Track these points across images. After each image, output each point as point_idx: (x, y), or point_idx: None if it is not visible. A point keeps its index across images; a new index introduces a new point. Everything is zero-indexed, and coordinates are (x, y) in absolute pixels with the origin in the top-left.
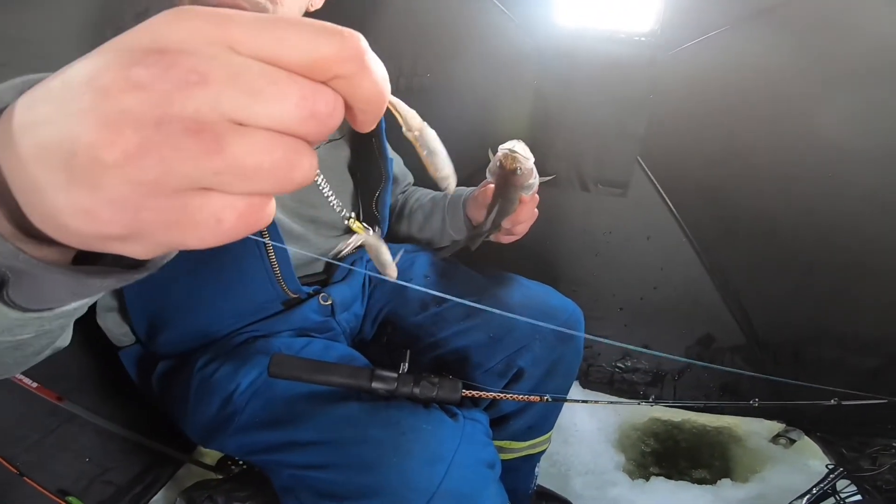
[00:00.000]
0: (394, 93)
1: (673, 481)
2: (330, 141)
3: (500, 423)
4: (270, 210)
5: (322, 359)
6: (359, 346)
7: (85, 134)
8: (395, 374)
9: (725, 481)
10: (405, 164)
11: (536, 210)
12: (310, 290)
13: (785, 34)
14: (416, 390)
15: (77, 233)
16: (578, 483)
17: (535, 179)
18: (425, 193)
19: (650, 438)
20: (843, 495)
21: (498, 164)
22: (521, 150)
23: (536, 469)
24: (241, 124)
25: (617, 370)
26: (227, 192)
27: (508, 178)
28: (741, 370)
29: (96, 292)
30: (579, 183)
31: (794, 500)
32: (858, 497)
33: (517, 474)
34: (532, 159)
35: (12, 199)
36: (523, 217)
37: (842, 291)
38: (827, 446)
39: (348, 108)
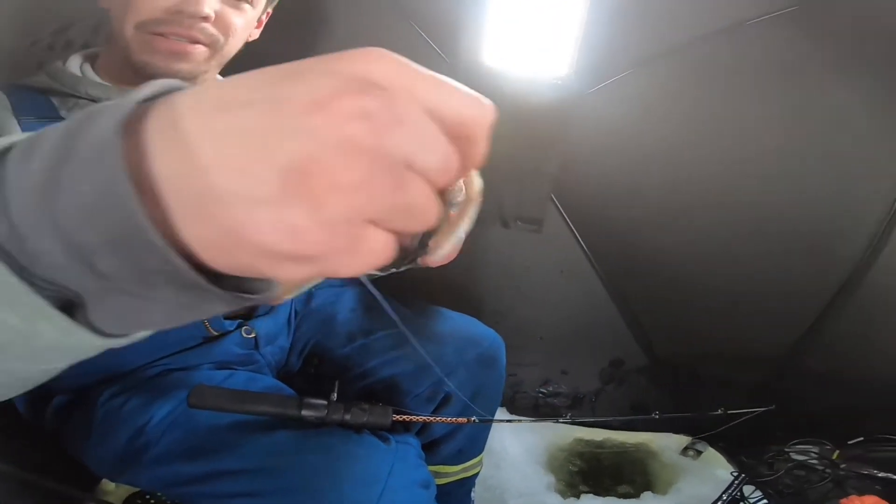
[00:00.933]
0: None
1: (601, 498)
2: None
3: (432, 447)
4: None
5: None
6: (285, 378)
7: (321, 154)
8: (324, 402)
9: (647, 494)
10: None
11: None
12: (232, 325)
13: (684, 76)
14: (347, 417)
15: (261, 248)
16: None
17: (462, 197)
18: None
19: (576, 458)
20: (751, 501)
21: None
22: None
23: (472, 493)
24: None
25: (540, 395)
26: (387, 227)
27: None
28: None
29: (205, 316)
30: (500, 219)
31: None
32: (766, 501)
33: (453, 499)
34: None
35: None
36: None
37: (728, 314)
38: (729, 455)
39: None
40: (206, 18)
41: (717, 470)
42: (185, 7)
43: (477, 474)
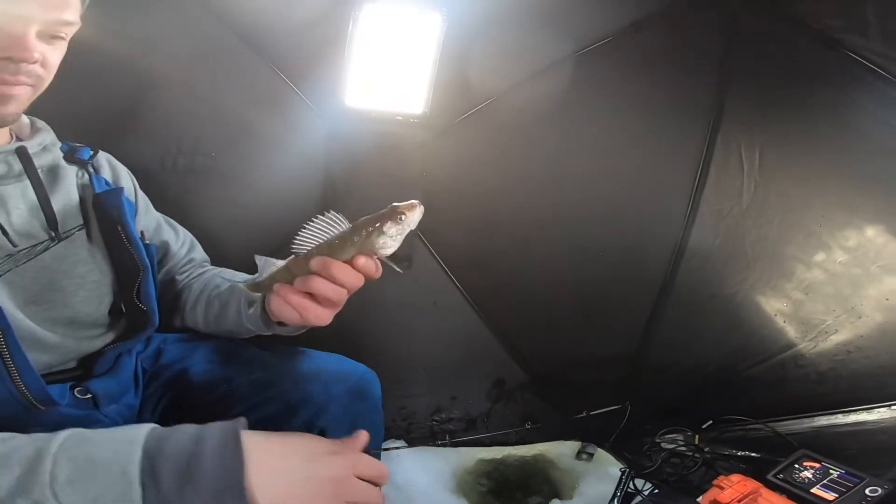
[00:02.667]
0: (170, 173)
1: None
2: (63, 238)
3: None
4: None
5: None
6: None
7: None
8: None
9: (556, 502)
10: (201, 237)
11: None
12: (62, 391)
13: (523, 111)
14: None
15: None
16: None
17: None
18: (228, 279)
19: (483, 478)
20: (645, 492)
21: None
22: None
23: None
24: None
25: (434, 422)
26: None
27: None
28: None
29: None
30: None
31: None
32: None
33: None
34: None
35: None
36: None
37: (581, 322)
38: (615, 454)
39: None
40: (34, 62)
41: (609, 468)
42: (13, 53)
43: None
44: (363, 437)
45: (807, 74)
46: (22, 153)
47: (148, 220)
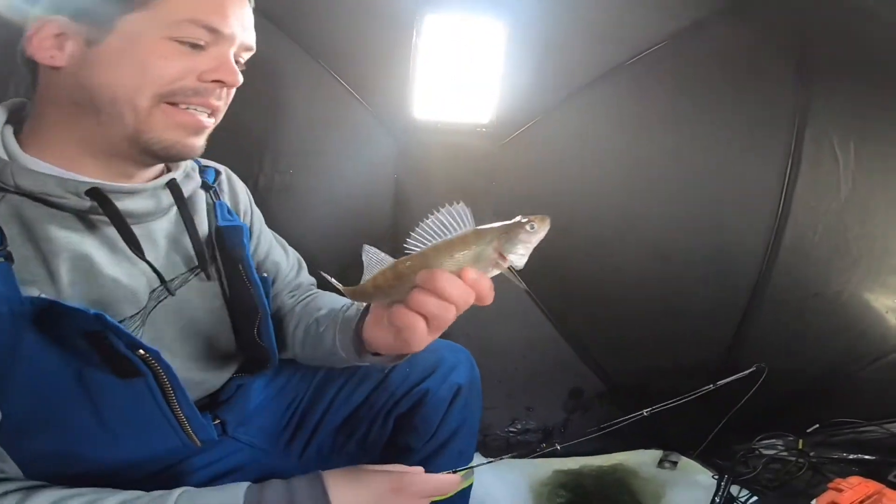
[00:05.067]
0: (253, 191)
1: None
2: (192, 275)
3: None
4: None
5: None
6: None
7: None
8: None
9: None
10: (307, 259)
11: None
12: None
13: (590, 116)
14: None
15: None
16: None
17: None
18: (327, 303)
19: (560, 489)
20: (742, 499)
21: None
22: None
23: None
24: None
25: (510, 434)
26: None
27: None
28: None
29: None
30: None
31: None
32: (755, 498)
33: None
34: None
35: None
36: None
37: (663, 328)
38: (703, 461)
39: None
40: (237, 85)
41: (698, 476)
42: (225, 77)
43: (471, 486)
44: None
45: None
46: (173, 186)
47: (262, 240)
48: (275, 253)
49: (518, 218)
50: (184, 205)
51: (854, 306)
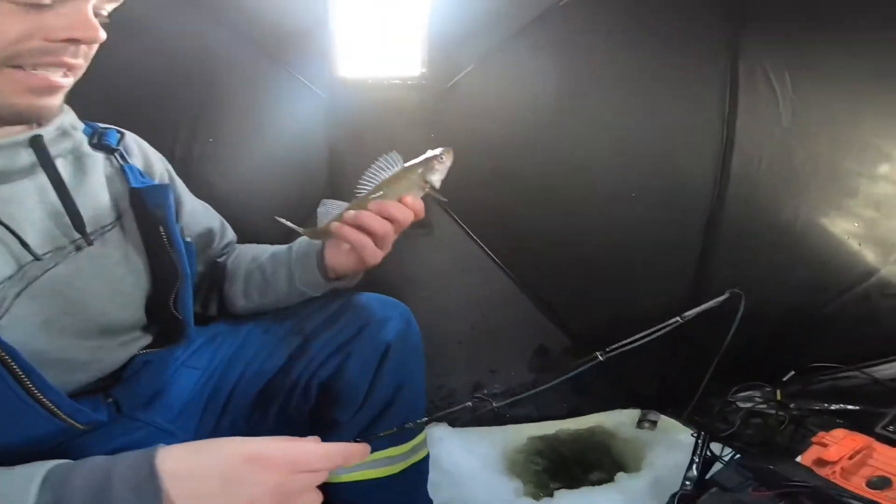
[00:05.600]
0: (171, 161)
1: (576, 490)
2: (94, 240)
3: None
4: None
5: None
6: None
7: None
8: None
9: (621, 475)
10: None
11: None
12: (94, 402)
13: (528, 60)
14: None
15: None
16: None
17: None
18: (261, 251)
19: (536, 457)
20: (725, 457)
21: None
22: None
23: None
24: None
25: (475, 400)
26: None
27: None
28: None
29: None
30: None
31: (686, 474)
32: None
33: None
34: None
35: None
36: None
37: (622, 275)
38: (683, 419)
39: None
40: (99, 42)
41: (679, 435)
42: (79, 34)
43: (427, 458)
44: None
45: None
46: (36, 143)
47: (188, 206)
48: (205, 218)
49: (430, 152)
50: (49, 161)
51: (812, 234)
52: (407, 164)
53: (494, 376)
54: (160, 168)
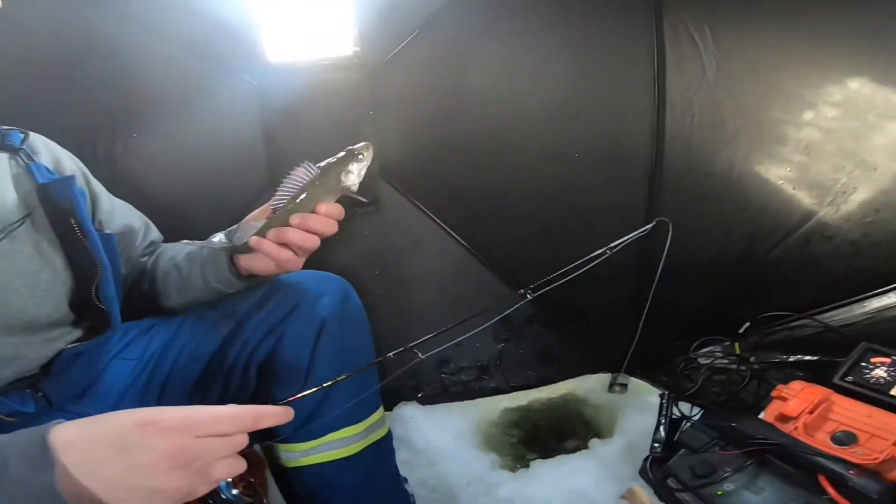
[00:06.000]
0: (92, 161)
1: (551, 459)
2: (2, 237)
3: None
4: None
5: None
6: None
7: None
8: None
9: (595, 441)
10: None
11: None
12: (21, 396)
13: (461, 30)
14: None
15: None
16: (465, 497)
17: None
18: (178, 250)
19: (511, 429)
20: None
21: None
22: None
23: (407, 485)
24: None
25: (445, 376)
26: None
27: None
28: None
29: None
30: None
31: (654, 436)
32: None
33: (376, 471)
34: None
35: None
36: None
37: (571, 234)
38: (650, 380)
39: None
40: None
41: (649, 397)
42: None
43: (388, 436)
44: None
45: None
46: None
47: (105, 204)
48: (125, 217)
49: (349, 148)
50: None
51: (748, 181)
52: (322, 165)
53: (460, 351)
54: (71, 166)
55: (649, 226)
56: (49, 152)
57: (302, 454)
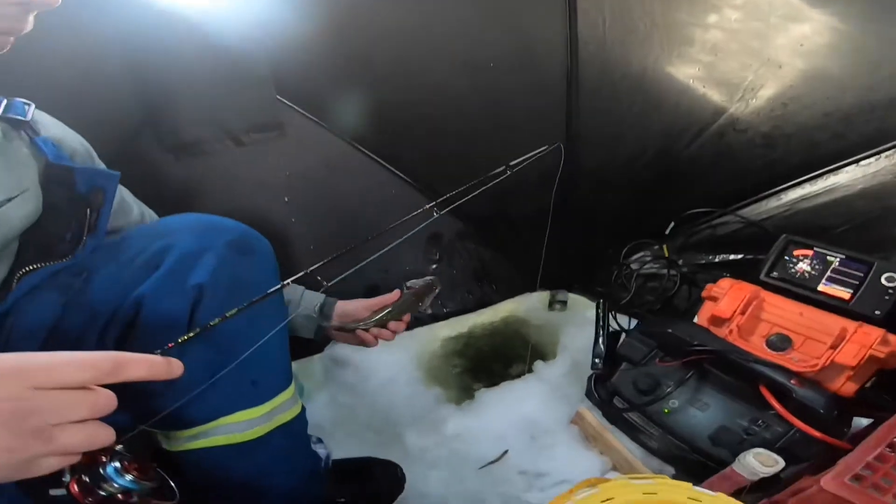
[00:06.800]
0: None
1: (497, 388)
2: None
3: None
4: None
5: None
6: None
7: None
8: None
9: (539, 364)
10: None
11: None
12: None
13: None
14: None
15: None
16: (412, 436)
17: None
18: None
19: (454, 358)
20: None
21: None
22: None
23: (320, 446)
24: None
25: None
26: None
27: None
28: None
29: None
30: (230, 140)
31: (594, 351)
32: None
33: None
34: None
35: None
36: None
37: (502, 144)
38: (588, 293)
39: None
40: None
41: (588, 312)
42: None
43: (300, 417)
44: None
45: None
46: None
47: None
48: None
49: (429, 280)
50: None
51: (661, 81)
52: (415, 290)
53: (388, 276)
54: (75, 146)
55: (546, 147)
56: (56, 127)
57: (188, 440)
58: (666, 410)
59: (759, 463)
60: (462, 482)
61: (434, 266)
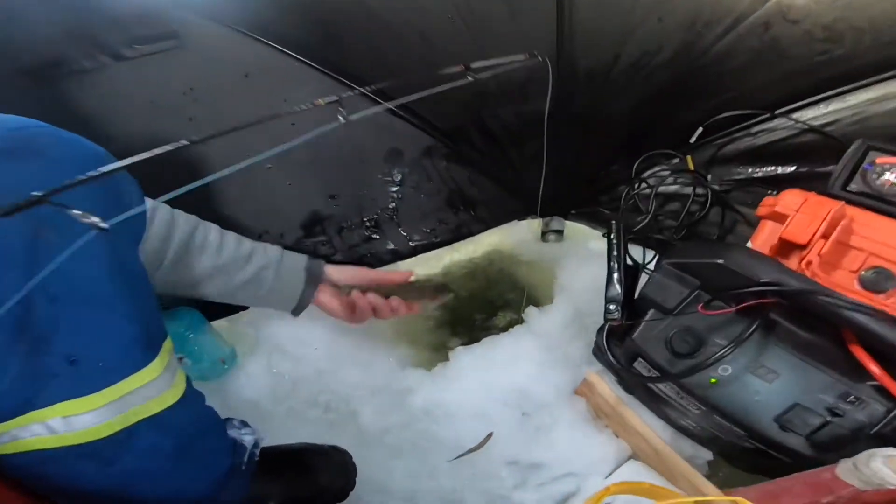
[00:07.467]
0: None
1: (479, 344)
2: None
3: None
4: None
5: None
6: None
7: None
8: None
9: (532, 310)
10: None
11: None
12: None
13: None
14: None
15: None
16: (368, 413)
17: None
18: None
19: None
20: (651, 266)
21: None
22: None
23: (241, 432)
24: None
25: (321, 244)
26: None
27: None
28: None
29: None
30: (110, 56)
31: (607, 294)
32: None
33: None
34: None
35: None
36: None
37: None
38: (591, 220)
39: None
40: None
41: (590, 243)
42: None
43: (187, 403)
44: None
45: None
46: None
47: None
48: None
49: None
50: None
51: None
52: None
53: (338, 204)
54: None
55: (518, 57)
56: None
57: None
58: (713, 380)
59: (892, 471)
60: (433, 477)
61: (395, 189)
